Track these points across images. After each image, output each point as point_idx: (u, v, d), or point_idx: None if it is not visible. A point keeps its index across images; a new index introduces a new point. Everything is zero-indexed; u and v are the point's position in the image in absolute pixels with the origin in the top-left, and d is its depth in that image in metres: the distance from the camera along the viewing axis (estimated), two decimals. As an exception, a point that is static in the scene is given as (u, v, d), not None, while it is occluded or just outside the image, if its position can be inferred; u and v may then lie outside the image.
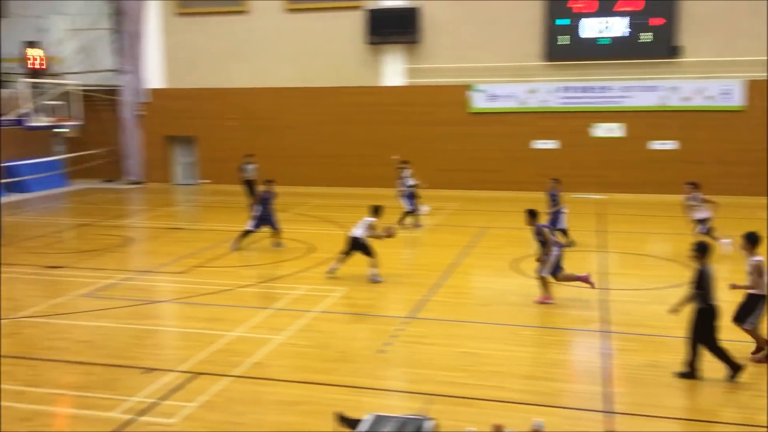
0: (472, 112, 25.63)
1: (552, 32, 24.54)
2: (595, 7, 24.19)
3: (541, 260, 11.60)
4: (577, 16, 24.31)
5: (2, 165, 26.48)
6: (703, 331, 8.26)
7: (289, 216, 20.72)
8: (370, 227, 13.13)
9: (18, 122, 18.59)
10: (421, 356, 9.38)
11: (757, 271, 8.66)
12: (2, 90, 27.68)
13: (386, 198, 23.95)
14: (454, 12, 25.28)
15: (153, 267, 14.68)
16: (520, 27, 24.83)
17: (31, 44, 26.92)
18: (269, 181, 16.42)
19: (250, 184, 21.84)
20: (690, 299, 8.39)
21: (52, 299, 12.28)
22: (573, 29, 24.39)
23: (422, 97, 25.91)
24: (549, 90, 24.90)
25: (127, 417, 7.54)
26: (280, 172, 26.95)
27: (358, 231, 13.17)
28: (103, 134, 28.84)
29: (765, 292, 8.71)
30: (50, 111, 19.49)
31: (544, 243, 11.49)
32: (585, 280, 11.70)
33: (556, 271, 11.59)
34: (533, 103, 25.11)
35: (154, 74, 28.44)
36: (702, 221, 15.19)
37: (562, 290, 12.57)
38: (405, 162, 19.62)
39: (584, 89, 24.72)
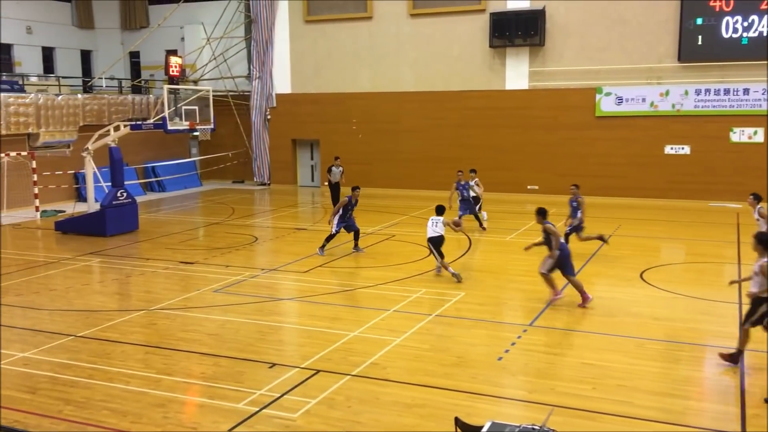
0: (599, 116, 24.81)
1: (689, 32, 23.30)
2: (736, 6, 22.74)
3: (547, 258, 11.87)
4: (718, 15, 22.96)
5: (143, 166, 28.37)
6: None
7: (408, 219, 20.91)
8: (444, 224, 14.03)
9: (159, 126, 19.78)
10: (541, 365, 9.17)
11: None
12: (147, 96, 29.72)
13: (507, 202, 23.67)
14: (581, 13, 24.59)
15: (278, 265, 15.20)
16: (652, 27, 23.79)
17: (172, 52, 28.65)
18: (355, 188, 16.63)
19: (336, 188, 22.68)
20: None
21: (185, 293, 12.99)
22: (712, 28, 23.06)
23: (546, 101, 25.37)
24: (682, 92, 23.69)
25: (252, 409, 7.84)
26: (399, 176, 27.40)
27: (439, 229, 13.90)
28: (234, 137, 30.30)
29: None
30: (187, 115, 20.63)
31: (549, 242, 11.71)
32: (584, 299, 11.72)
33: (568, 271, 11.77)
34: (665, 106, 23.98)
35: (282, 79, 29.51)
36: None
37: (694, 303, 11.93)
38: (474, 170, 19.90)
39: (721, 92, 23.33)
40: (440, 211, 14.35)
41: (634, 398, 8.07)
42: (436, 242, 13.91)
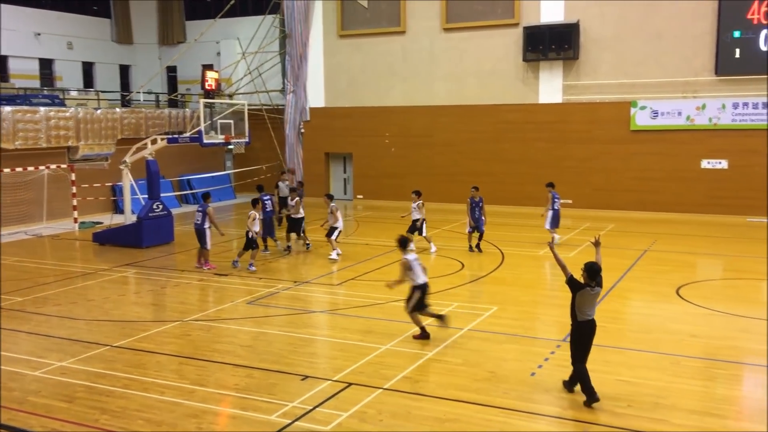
0: (634, 130, 24.54)
1: (726, 45, 22.97)
2: (775, 17, 22.40)
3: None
4: (756, 28, 22.59)
5: (179, 179, 28.75)
6: None
7: (441, 233, 20.84)
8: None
9: (195, 139, 20.09)
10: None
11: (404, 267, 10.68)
12: (183, 110, 30.21)
13: (533, 216, 23.51)
14: (616, 27, 24.40)
15: (311, 278, 15.28)
16: (688, 41, 23.51)
17: (208, 67, 29.11)
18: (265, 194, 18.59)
19: (283, 201, 21.72)
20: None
21: (219, 305, 13.13)
22: (751, 42, 22.68)
23: (580, 115, 25.18)
24: (719, 106, 23.33)
25: (284, 421, 7.87)
26: (433, 190, 27.30)
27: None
28: (268, 151, 30.55)
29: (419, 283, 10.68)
30: (223, 129, 20.90)
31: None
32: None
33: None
34: (701, 120, 23.63)
35: (315, 94, 29.75)
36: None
37: (733, 321, 11.69)
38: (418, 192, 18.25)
39: (759, 105, 22.90)
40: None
41: (671, 417, 7.93)
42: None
